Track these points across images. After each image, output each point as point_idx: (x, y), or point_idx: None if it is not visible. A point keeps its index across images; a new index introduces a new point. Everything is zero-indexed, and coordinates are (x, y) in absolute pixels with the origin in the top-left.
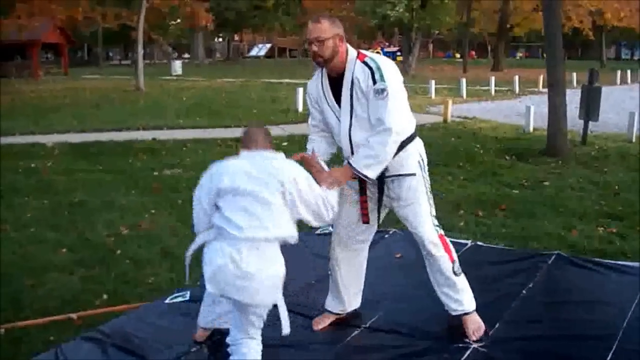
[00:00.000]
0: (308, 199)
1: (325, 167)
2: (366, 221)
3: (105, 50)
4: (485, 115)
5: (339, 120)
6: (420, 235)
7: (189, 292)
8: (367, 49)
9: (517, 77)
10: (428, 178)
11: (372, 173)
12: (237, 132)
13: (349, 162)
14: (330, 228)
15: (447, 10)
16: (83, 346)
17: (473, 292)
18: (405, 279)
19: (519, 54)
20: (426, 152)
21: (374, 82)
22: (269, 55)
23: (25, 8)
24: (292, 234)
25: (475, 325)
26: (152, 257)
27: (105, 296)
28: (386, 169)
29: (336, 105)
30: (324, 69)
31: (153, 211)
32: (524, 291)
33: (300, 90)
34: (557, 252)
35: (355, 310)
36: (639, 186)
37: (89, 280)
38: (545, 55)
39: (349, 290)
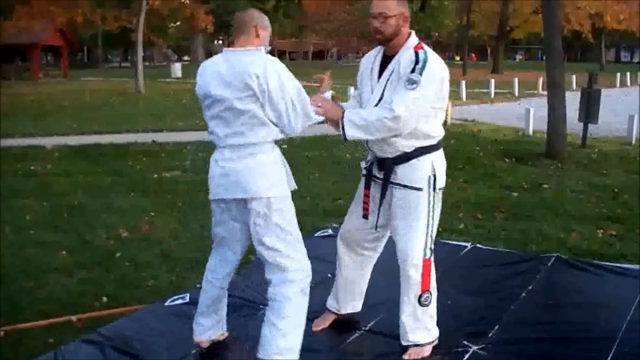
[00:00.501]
0: (276, 99)
1: (328, 95)
2: (365, 215)
3: (105, 53)
4: (485, 118)
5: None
6: (404, 253)
7: (188, 295)
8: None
9: (516, 80)
10: (437, 197)
11: (349, 131)
12: None
13: (344, 111)
14: (330, 231)
15: (446, 13)
16: (82, 348)
17: (473, 294)
18: None
19: (519, 57)
20: None
21: (412, 71)
22: None
23: (25, 10)
24: (274, 135)
25: (417, 353)
26: (151, 260)
27: (104, 298)
28: (394, 174)
29: (377, 82)
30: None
31: (152, 213)
32: (523, 294)
33: None
34: (556, 255)
35: (353, 313)
36: (638, 189)
37: (89, 283)
38: (544, 57)
39: (346, 295)
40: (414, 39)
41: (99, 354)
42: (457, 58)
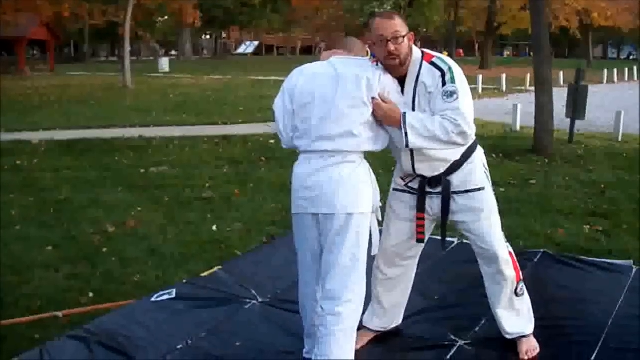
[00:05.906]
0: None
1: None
2: (421, 239)
3: (92, 47)
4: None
5: None
6: (493, 252)
7: (175, 290)
8: None
9: (504, 76)
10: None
11: (412, 139)
12: (223, 130)
13: (404, 113)
14: None
15: (434, 9)
16: (68, 345)
17: (460, 289)
18: None
19: (507, 53)
20: None
21: (444, 83)
22: (257, 52)
23: (11, 4)
24: (365, 147)
25: (529, 346)
26: (138, 255)
27: (91, 294)
28: (451, 184)
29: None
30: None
31: (139, 209)
32: None
33: None
34: (543, 251)
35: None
36: (625, 185)
37: (75, 278)
38: (532, 54)
39: (394, 308)
40: (417, 51)
41: (85, 350)
42: (445, 54)
